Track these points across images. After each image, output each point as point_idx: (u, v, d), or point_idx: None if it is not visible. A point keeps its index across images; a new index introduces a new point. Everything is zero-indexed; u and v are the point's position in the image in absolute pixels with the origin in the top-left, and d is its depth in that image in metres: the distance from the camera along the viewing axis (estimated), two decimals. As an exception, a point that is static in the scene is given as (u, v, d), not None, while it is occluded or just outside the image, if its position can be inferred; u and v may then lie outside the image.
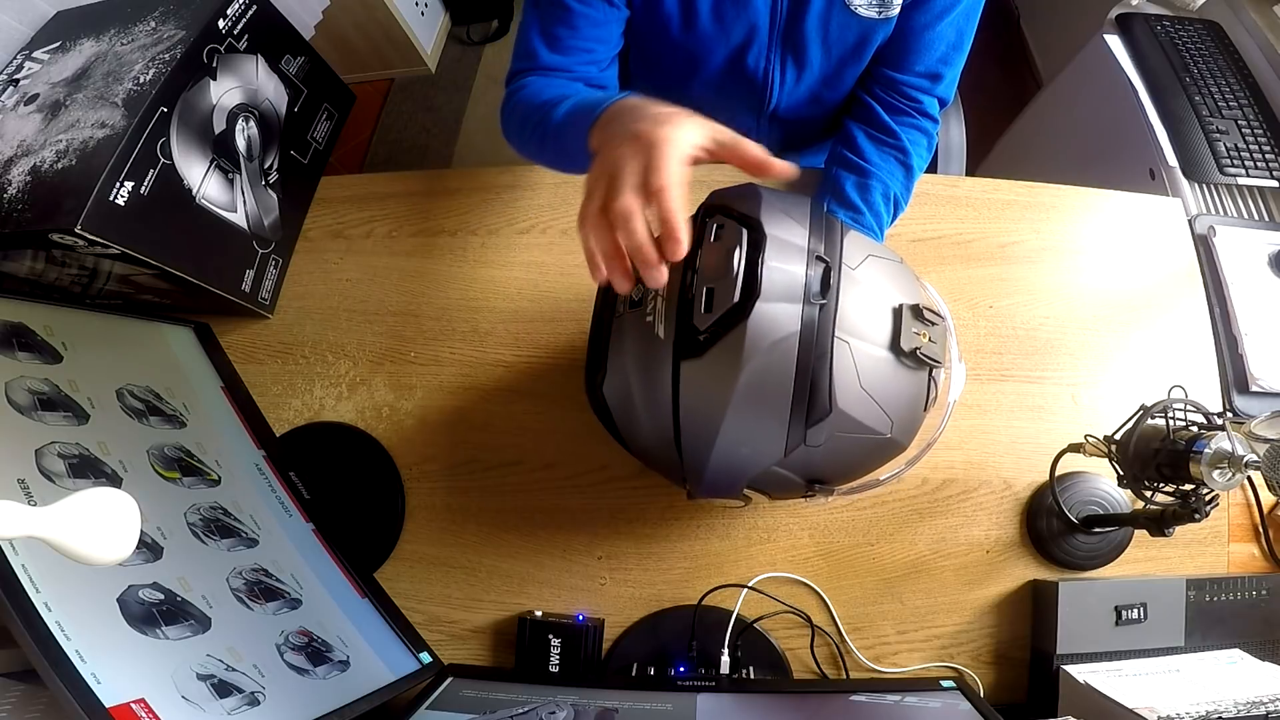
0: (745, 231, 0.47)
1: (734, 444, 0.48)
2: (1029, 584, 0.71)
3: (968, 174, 1.01)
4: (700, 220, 0.52)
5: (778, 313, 0.45)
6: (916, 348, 0.49)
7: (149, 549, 0.56)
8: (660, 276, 0.44)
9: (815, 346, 0.46)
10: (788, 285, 0.45)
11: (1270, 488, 0.57)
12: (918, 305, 0.50)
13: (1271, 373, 0.78)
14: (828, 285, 0.46)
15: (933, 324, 0.50)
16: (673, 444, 0.51)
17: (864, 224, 0.75)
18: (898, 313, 0.49)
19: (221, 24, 0.73)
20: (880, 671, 0.70)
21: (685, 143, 0.45)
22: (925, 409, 0.54)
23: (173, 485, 0.64)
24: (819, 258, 0.47)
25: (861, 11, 0.72)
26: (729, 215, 0.50)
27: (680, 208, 0.43)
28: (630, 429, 0.54)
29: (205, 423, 0.72)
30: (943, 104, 0.79)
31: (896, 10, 0.72)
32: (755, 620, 0.70)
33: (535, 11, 0.72)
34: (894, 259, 0.55)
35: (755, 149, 0.47)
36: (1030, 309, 0.81)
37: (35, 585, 0.45)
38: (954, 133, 1.00)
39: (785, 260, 0.46)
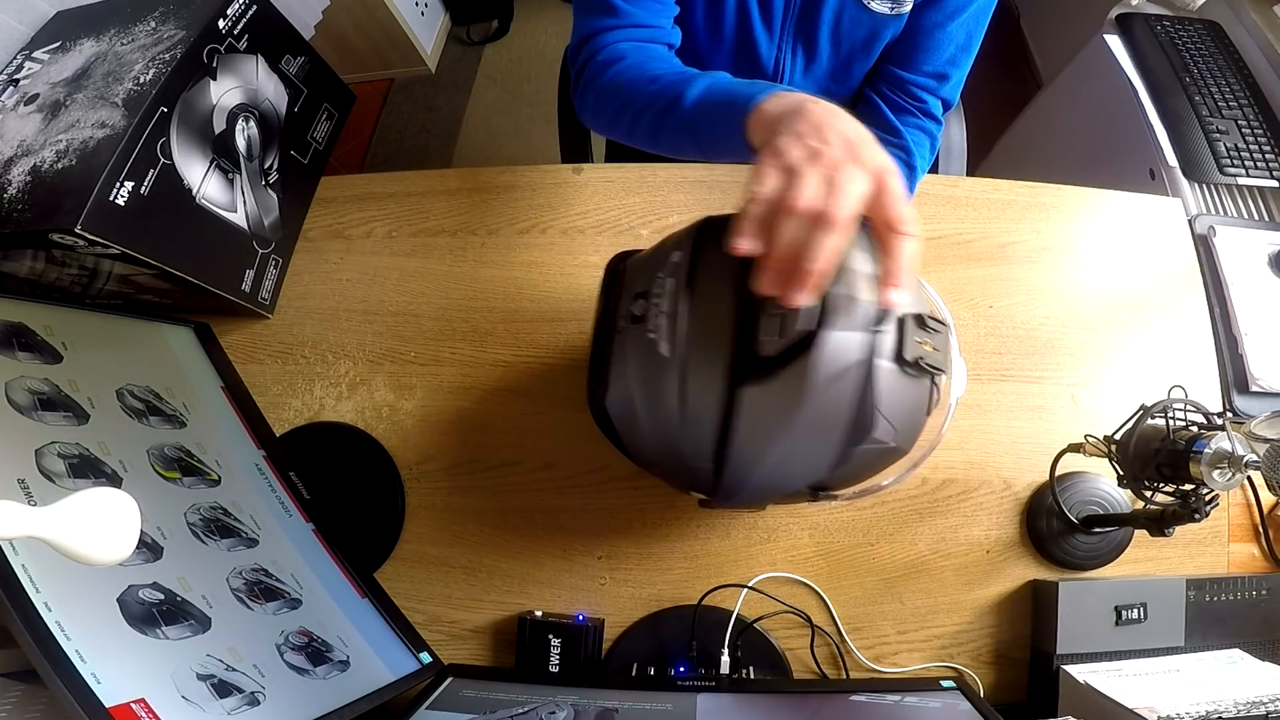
0: None
1: (781, 464, 0.49)
2: (1029, 584, 0.71)
3: (968, 174, 1.01)
4: None
5: (846, 341, 0.45)
6: (920, 357, 0.48)
7: (149, 549, 0.56)
8: (800, 299, 0.42)
9: (870, 372, 0.46)
10: (855, 313, 0.45)
11: (1270, 488, 0.57)
12: (921, 314, 0.50)
13: (1271, 373, 0.78)
14: (885, 311, 0.46)
15: (936, 332, 0.50)
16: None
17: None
18: (901, 323, 0.49)
19: (221, 24, 0.73)
20: (880, 671, 0.70)
21: (901, 194, 0.44)
22: (927, 413, 0.54)
23: (173, 485, 0.64)
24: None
25: (875, 7, 0.72)
26: None
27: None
28: (633, 441, 0.54)
29: (205, 423, 0.72)
30: (947, 106, 0.79)
31: (908, 7, 0.72)
32: (755, 620, 0.70)
33: None
34: None
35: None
36: (1030, 309, 0.81)
37: (35, 585, 0.45)
38: (954, 133, 1.00)
39: (851, 287, 0.46)
